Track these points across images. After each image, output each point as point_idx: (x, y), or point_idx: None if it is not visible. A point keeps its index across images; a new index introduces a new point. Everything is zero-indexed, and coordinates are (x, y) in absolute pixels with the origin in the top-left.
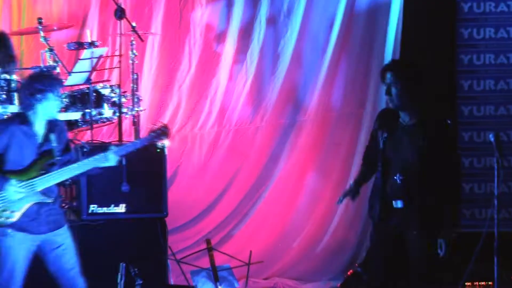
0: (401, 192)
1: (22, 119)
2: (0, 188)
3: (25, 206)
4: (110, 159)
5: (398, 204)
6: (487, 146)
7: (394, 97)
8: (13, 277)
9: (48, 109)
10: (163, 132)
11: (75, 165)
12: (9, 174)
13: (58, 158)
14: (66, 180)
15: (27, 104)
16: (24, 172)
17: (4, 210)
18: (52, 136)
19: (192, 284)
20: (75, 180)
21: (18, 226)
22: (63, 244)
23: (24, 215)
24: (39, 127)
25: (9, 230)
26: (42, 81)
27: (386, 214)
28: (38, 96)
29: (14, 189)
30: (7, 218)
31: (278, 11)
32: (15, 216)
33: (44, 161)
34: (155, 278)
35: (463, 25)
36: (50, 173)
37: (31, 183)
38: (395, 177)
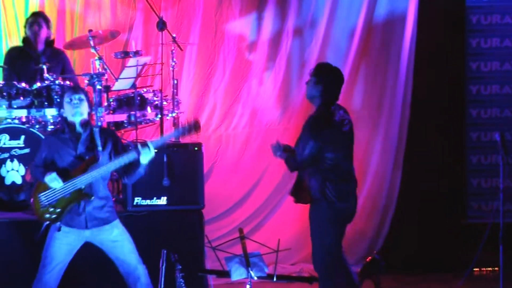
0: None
1: (59, 129)
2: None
3: (69, 204)
4: (143, 152)
5: None
6: (493, 145)
7: (306, 90)
8: (49, 265)
9: (67, 113)
10: (191, 126)
11: (110, 163)
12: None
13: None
14: (113, 176)
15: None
16: (68, 173)
17: (49, 207)
18: (98, 141)
19: (226, 269)
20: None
21: (64, 221)
22: (113, 238)
23: (70, 211)
24: (79, 133)
25: (61, 225)
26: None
27: None
28: (61, 104)
29: (58, 187)
30: (52, 214)
31: (304, 23)
32: (59, 213)
33: (88, 163)
34: (193, 264)
35: (472, 35)
36: (90, 172)
37: (73, 182)
38: None
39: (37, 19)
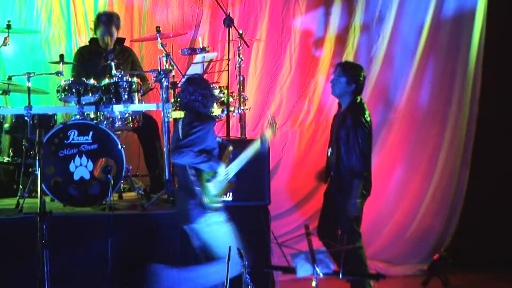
0: (330, 164)
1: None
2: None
3: (224, 193)
4: (264, 141)
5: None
6: None
7: (332, 85)
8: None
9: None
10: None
11: (242, 155)
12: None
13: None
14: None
15: (205, 105)
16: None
17: (216, 197)
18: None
19: (292, 265)
20: None
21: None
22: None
23: None
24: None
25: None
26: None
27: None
28: (202, 97)
29: (222, 176)
30: (218, 203)
31: (371, 19)
32: (222, 200)
33: (228, 153)
34: (259, 259)
35: None
36: (235, 162)
37: (227, 171)
38: (328, 150)
39: (109, 29)
